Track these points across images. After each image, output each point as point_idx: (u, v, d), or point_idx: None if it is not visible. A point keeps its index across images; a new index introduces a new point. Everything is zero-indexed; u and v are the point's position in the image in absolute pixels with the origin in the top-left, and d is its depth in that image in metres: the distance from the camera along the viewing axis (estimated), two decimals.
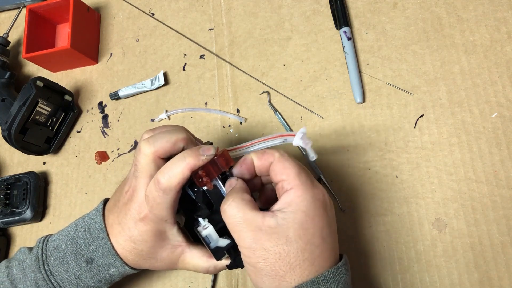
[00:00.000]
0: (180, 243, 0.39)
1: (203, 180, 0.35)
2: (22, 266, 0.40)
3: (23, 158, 0.62)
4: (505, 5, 0.49)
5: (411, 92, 0.49)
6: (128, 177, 0.39)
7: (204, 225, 0.36)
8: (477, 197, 0.44)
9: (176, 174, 0.34)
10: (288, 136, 0.36)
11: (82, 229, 0.40)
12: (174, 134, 0.36)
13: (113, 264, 0.39)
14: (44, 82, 0.55)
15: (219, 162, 0.36)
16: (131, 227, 0.37)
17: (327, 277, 0.32)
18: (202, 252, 0.39)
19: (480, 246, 0.43)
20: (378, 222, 0.46)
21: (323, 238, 0.33)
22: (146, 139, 0.37)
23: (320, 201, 0.34)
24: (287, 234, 0.32)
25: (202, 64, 0.59)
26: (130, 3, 0.65)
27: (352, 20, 0.54)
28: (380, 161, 0.48)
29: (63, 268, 0.39)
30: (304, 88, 0.53)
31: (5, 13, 0.72)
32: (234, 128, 0.54)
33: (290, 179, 0.33)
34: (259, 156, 0.36)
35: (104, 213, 0.40)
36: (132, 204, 0.37)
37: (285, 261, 0.32)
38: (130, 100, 0.60)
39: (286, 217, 0.32)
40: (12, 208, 0.56)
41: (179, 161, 0.35)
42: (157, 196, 0.35)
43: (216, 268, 0.39)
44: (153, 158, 0.36)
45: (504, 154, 0.45)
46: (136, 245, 0.38)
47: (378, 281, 0.44)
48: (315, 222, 0.33)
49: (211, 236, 0.36)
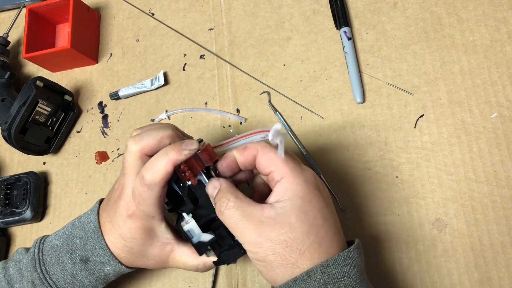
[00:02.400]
0: (169, 241, 0.39)
1: (186, 174, 0.35)
2: (18, 266, 0.41)
3: (23, 158, 0.62)
4: (505, 5, 0.49)
5: (411, 92, 0.49)
6: (119, 176, 0.39)
7: (186, 219, 0.36)
8: (477, 197, 0.44)
9: (159, 169, 0.34)
10: (267, 132, 0.36)
11: (78, 229, 0.40)
12: (160, 131, 0.37)
13: (108, 263, 0.39)
14: (44, 82, 0.55)
15: (203, 156, 0.35)
16: (121, 225, 0.38)
17: (338, 261, 0.32)
18: (192, 250, 0.39)
19: (480, 246, 0.43)
20: (378, 222, 0.46)
21: (324, 218, 0.33)
22: (133, 137, 0.37)
23: (313, 183, 0.34)
24: (289, 221, 0.32)
25: (202, 64, 0.59)
26: (130, 3, 0.65)
27: (352, 20, 0.54)
28: (380, 161, 0.48)
29: (58, 267, 0.39)
30: (304, 88, 0.53)
31: (5, 13, 0.72)
32: (234, 128, 0.54)
33: (279, 169, 0.34)
34: (241, 152, 0.36)
35: (99, 212, 0.41)
36: (121, 202, 0.37)
37: (293, 247, 0.32)
38: (130, 100, 0.60)
39: (284, 205, 0.32)
40: (12, 208, 0.56)
41: (161, 156, 0.35)
42: (143, 192, 0.35)
43: (205, 265, 0.39)
44: (140, 156, 0.36)
45: (504, 154, 0.45)
46: (126, 243, 0.38)
47: (378, 281, 0.44)
48: (313, 204, 0.33)
49: (193, 230, 0.36)
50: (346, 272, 0.32)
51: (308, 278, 0.31)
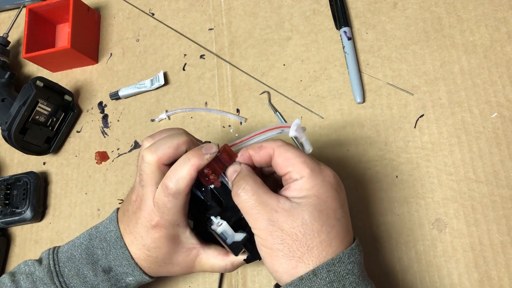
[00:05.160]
0: (194, 245, 0.39)
1: (210, 178, 0.35)
2: (31, 279, 0.39)
3: (23, 158, 0.62)
4: (505, 5, 0.49)
5: (411, 92, 0.49)
6: (134, 186, 0.39)
7: (217, 222, 0.36)
8: (477, 197, 0.44)
9: (183, 177, 0.34)
10: (285, 127, 0.36)
11: (98, 239, 0.40)
12: (175, 138, 0.36)
13: (131, 273, 0.39)
14: (44, 82, 0.55)
15: (223, 158, 0.36)
16: (144, 236, 0.37)
17: (343, 259, 0.32)
18: (217, 251, 0.39)
19: (480, 246, 0.43)
20: (378, 222, 0.46)
21: (337, 219, 0.33)
22: (148, 147, 0.36)
23: (331, 183, 0.34)
24: (302, 216, 0.32)
25: (202, 64, 0.59)
26: (130, 3, 0.65)
27: (352, 20, 0.54)
28: (380, 161, 0.48)
29: (79, 279, 0.39)
30: (304, 88, 0.53)
31: (5, 13, 0.72)
32: (234, 128, 0.54)
33: (297, 169, 0.33)
34: (256, 151, 0.36)
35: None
36: (142, 213, 0.37)
37: (302, 242, 0.32)
38: (130, 100, 0.60)
39: (299, 201, 0.32)
40: (12, 208, 0.56)
41: (184, 164, 0.35)
42: (167, 201, 0.35)
43: (233, 265, 0.39)
44: (158, 166, 0.36)
45: (504, 154, 0.45)
46: (150, 253, 0.38)
47: (378, 281, 0.44)
48: (328, 204, 0.33)
49: (227, 232, 0.36)
50: (350, 270, 0.32)
51: (314, 276, 0.31)
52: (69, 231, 0.56)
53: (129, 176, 0.56)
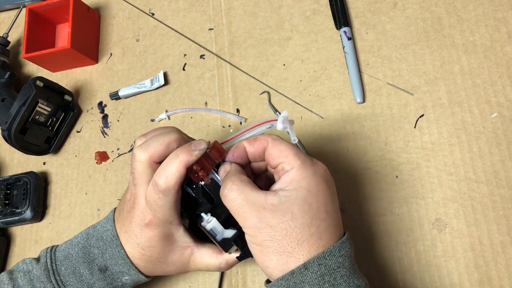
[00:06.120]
0: (188, 244, 0.39)
1: (199, 174, 0.35)
2: (29, 277, 0.40)
3: (23, 158, 0.62)
4: (505, 5, 0.49)
5: (411, 92, 0.49)
6: (129, 185, 0.39)
7: (207, 219, 0.36)
8: (477, 197, 0.44)
9: (173, 173, 0.34)
10: (274, 121, 0.37)
11: (94, 238, 0.40)
12: (166, 136, 0.36)
13: (127, 272, 0.39)
14: (44, 82, 0.55)
15: (212, 154, 0.36)
16: (138, 234, 0.37)
17: (333, 252, 0.32)
18: (212, 250, 0.39)
19: (480, 246, 0.43)
20: (378, 222, 0.46)
21: (327, 212, 0.33)
22: (139, 146, 0.37)
23: (322, 176, 0.34)
24: (291, 210, 0.32)
25: (202, 64, 0.59)
26: (130, 3, 0.65)
27: (352, 20, 0.54)
28: (380, 161, 0.48)
29: (75, 277, 0.39)
30: (304, 88, 0.53)
31: (5, 13, 0.72)
32: (234, 128, 0.54)
33: (289, 160, 0.34)
34: (251, 142, 0.36)
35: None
36: (135, 211, 0.37)
37: (292, 237, 0.32)
38: (130, 100, 0.60)
39: (288, 194, 0.32)
40: (12, 208, 0.56)
41: (173, 160, 0.35)
42: (158, 198, 0.35)
43: (228, 263, 0.39)
44: (149, 164, 0.36)
45: (504, 154, 0.45)
46: (144, 251, 0.38)
47: (378, 281, 0.44)
48: (318, 197, 0.33)
49: (216, 228, 0.36)
50: (341, 263, 0.32)
51: (305, 270, 0.31)
52: (69, 231, 0.56)
53: (129, 176, 0.56)
